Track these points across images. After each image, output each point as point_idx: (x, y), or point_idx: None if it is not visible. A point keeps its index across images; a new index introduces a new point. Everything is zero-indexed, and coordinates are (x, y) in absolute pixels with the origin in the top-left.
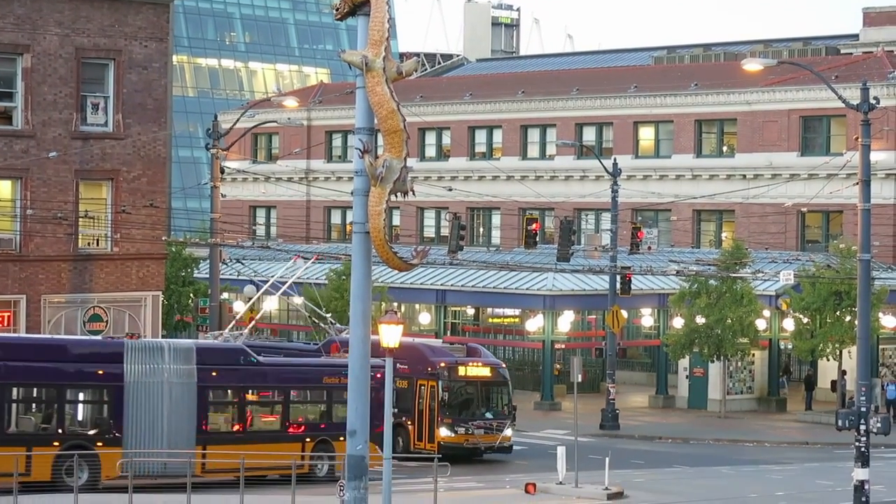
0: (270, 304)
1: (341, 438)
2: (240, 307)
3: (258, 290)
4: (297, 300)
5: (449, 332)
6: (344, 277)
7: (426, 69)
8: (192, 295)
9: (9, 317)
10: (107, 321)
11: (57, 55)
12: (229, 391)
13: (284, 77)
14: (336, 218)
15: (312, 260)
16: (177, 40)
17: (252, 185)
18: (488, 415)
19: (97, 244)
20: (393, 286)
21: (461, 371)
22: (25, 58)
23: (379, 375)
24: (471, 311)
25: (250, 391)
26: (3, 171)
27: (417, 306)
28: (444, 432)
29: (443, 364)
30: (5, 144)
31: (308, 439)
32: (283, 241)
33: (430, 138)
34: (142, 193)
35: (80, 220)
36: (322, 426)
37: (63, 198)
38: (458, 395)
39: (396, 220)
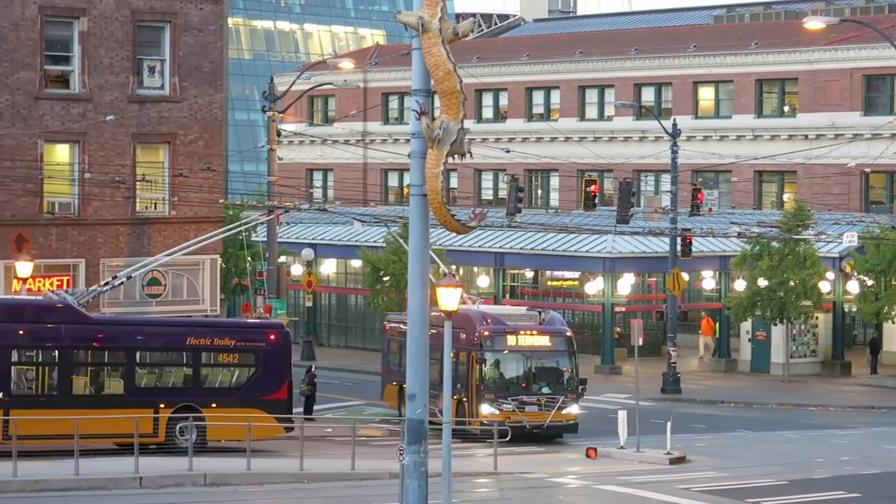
0: (328, 267)
1: (213, 405)
2: (298, 270)
3: (315, 254)
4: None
5: (508, 296)
6: (402, 240)
7: (482, 30)
8: (249, 258)
9: (68, 280)
10: (165, 285)
11: (113, 18)
12: (46, 351)
13: (340, 39)
14: (393, 180)
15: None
16: (232, 2)
17: (309, 148)
18: (545, 389)
19: (155, 208)
20: (451, 249)
21: (510, 341)
22: (82, 21)
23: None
24: (529, 274)
25: (77, 351)
26: (61, 135)
27: (476, 269)
28: (485, 409)
29: (486, 332)
30: (63, 108)
31: (163, 405)
32: (341, 203)
33: (487, 100)
34: (199, 157)
35: (138, 183)
36: (185, 391)
37: (120, 161)
38: (505, 368)
39: (454, 183)
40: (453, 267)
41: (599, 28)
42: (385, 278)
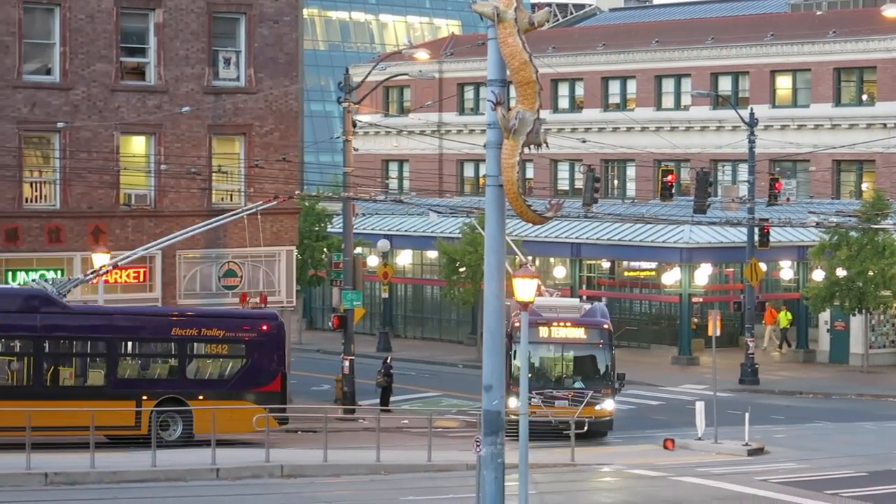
0: (404, 258)
1: (200, 397)
2: (373, 261)
3: (391, 245)
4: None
5: (584, 286)
6: (478, 231)
7: (558, 19)
8: (325, 249)
9: (144, 272)
10: (241, 276)
11: (188, 10)
12: (19, 341)
13: (415, 29)
14: (469, 171)
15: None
16: None
17: (384, 139)
18: (577, 384)
19: (230, 199)
20: (527, 239)
21: (542, 332)
22: (157, 13)
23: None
24: (606, 265)
25: (51, 342)
26: (136, 127)
27: (552, 260)
28: (513, 403)
29: (517, 323)
30: (139, 100)
31: (146, 397)
32: (416, 194)
33: (563, 90)
34: (274, 148)
35: (214, 175)
36: (170, 383)
37: (196, 153)
38: (536, 360)
39: (530, 173)
40: (529, 257)
41: (675, 17)
42: (461, 269)
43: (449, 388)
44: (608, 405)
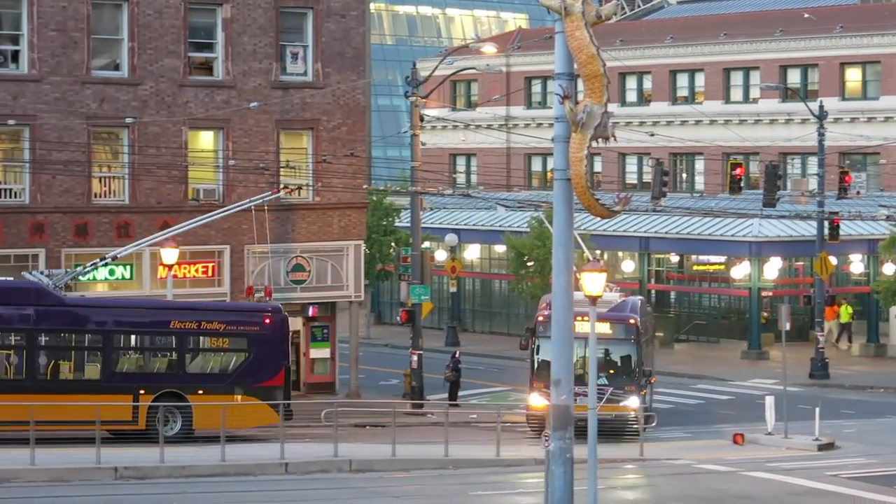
0: (472, 253)
1: (200, 391)
2: (441, 256)
3: (459, 239)
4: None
5: (653, 280)
6: (545, 225)
7: (626, 12)
8: (393, 244)
9: (213, 267)
10: (309, 271)
11: (256, 5)
12: (14, 334)
13: (482, 23)
14: (537, 165)
15: None
16: None
17: (452, 133)
18: (601, 381)
19: (298, 194)
20: (595, 233)
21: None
22: (225, 8)
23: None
24: (675, 259)
25: (47, 335)
26: (205, 122)
27: (620, 254)
28: (533, 399)
29: (540, 318)
30: (207, 95)
31: (143, 391)
32: (484, 188)
33: (631, 83)
34: (342, 142)
35: (282, 169)
36: (168, 377)
37: (264, 148)
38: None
39: (598, 167)
40: (598, 251)
41: (744, 9)
42: (529, 263)
43: (517, 383)
44: (632, 402)
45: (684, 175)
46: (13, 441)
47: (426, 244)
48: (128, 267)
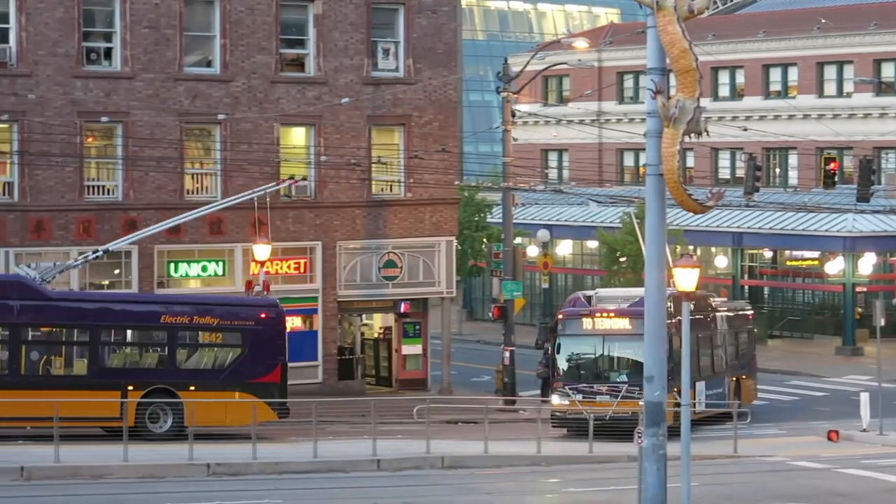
0: (564, 249)
1: (191, 388)
2: (533, 251)
3: (551, 235)
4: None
5: (746, 276)
6: (638, 221)
7: (718, 6)
8: (485, 240)
9: (305, 263)
10: (401, 267)
11: (347, 1)
12: None
13: (574, 18)
14: (629, 160)
15: None
16: None
17: (543, 128)
18: (620, 378)
19: (390, 190)
20: (688, 229)
21: (585, 324)
22: (316, 4)
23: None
24: (768, 254)
25: (31, 329)
26: (297, 118)
27: (713, 249)
28: (555, 398)
29: (562, 315)
30: (298, 91)
31: (132, 387)
32: (576, 184)
33: (723, 77)
34: (433, 138)
35: (373, 165)
36: (158, 372)
37: (356, 144)
38: (579, 353)
39: (690, 162)
40: (690, 247)
41: (837, 3)
42: (621, 259)
43: None
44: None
45: (777, 170)
46: (97, 437)
47: (518, 240)
48: (220, 263)
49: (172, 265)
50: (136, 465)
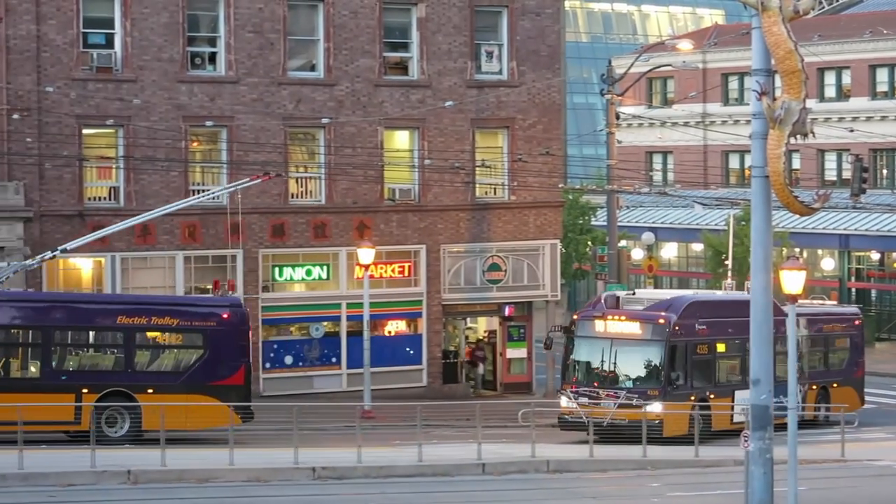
0: (669, 251)
1: (149, 391)
2: (638, 254)
3: (655, 237)
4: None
5: (853, 278)
6: (743, 223)
7: (824, 6)
8: (589, 243)
9: (409, 267)
10: (505, 270)
11: (450, 4)
12: None
13: (678, 20)
14: (734, 162)
15: None
16: None
17: (647, 131)
18: (628, 383)
19: (494, 193)
20: (794, 231)
21: (598, 326)
22: (420, 7)
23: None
24: (875, 256)
25: None
26: (400, 122)
27: (820, 252)
28: (563, 401)
29: (576, 316)
30: (402, 95)
31: (87, 390)
32: (681, 186)
33: (829, 78)
34: (537, 141)
35: (477, 168)
36: (115, 375)
37: (459, 147)
38: (589, 356)
39: (796, 164)
40: (796, 250)
41: None
42: (727, 262)
43: None
44: (655, 407)
45: (885, 171)
46: (209, 442)
47: (623, 243)
48: (324, 267)
49: (276, 269)
50: (242, 468)
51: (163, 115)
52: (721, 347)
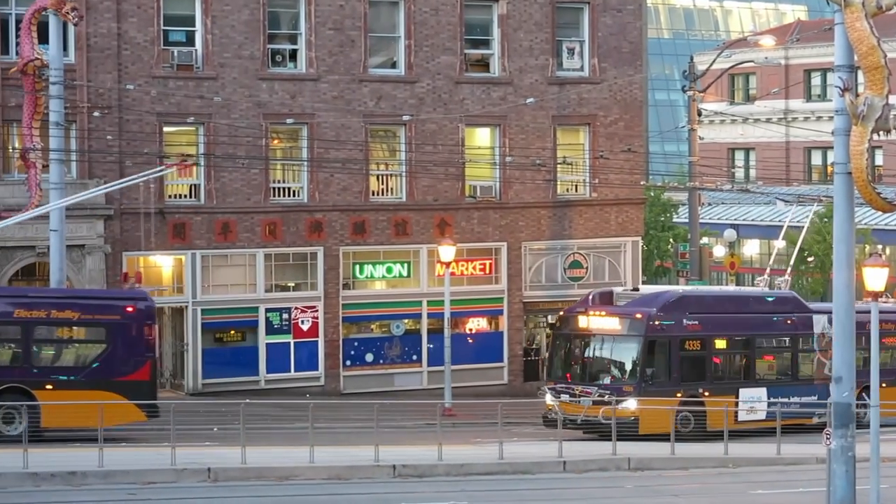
0: (751, 248)
1: (48, 386)
2: (720, 251)
3: (737, 234)
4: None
5: None
6: (826, 220)
7: None
8: (671, 240)
9: (490, 264)
10: (586, 267)
11: (532, 0)
12: None
13: (760, 15)
14: (816, 159)
15: None
16: None
17: (730, 127)
18: (606, 380)
19: (575, 190)
20: (877, 228)
21: (580, 322)
22: (501, 4)
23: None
24: None
25: None
26: (481, 119)
27: None
28: (548, 398)
29: (562, 312)
30: (483, 92)
31: None
32: (763, 183)
33: None
34: (619, 138)
35: (558, 165)
36: (10, 370)
37: (541, 144)
38: (571, 352)
39: (879, 160)
40: (879, 246)
41: None
42: (809, 259)
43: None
44: (630, 405)
45: None
46: (288, 440)
47: (704, 240)
48: (405, 265)
49: (357, 266)
50: (323, 466)
51: (243, 113)
52: (720, 343)
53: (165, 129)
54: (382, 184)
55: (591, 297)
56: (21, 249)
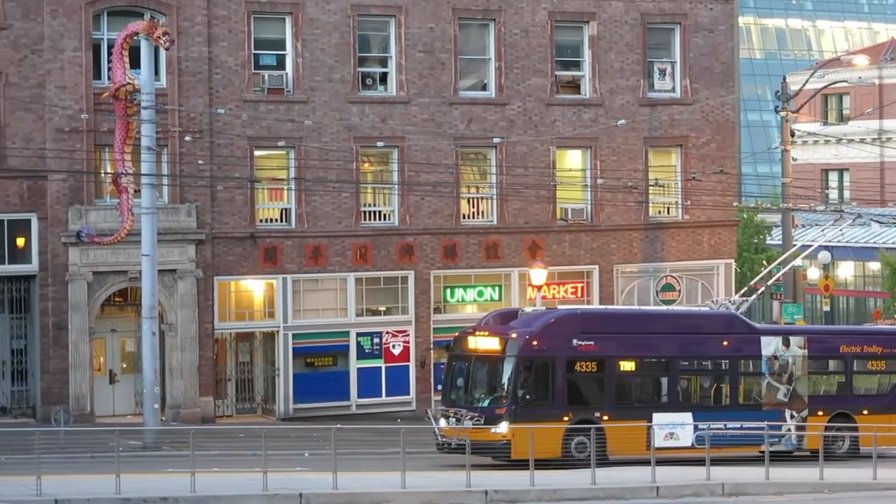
0: (845, 271)
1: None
2: (814, 273)
3: (832, 256)
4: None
5: None
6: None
7: None
8: (764, 262)
9: (582, 287)
10: (679, 290)
11: (622, 21)
12: None
13: (853, 34)
14: None
15: None
16: (742, 1)
17: (823, 148)
18: (484, 403)
19: (667, 212)
20: None
21: (470, 343)
22: (591, 25)
23: None
24: None
25: None
26: (572, 141)
27: None
28: (442, 422)
29: (458, 333)
30: (574, 114)
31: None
32: (857, 204)
33: None
34: (711, 159)
35: (650, 188)
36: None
37: (632, 166)
38: (459, 374)
39: None
40: None
41: None
42: None
43: None
44: (501, 428)
45: None
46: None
47: (798, 262)
48: (496, 288)
49: (448, 290)
50: (414, 491)
51: (334, 136)
52: (626, 365)
53: (256, 152)
54: (473, 207)
55: (487, 317)
56: (113, 274)
